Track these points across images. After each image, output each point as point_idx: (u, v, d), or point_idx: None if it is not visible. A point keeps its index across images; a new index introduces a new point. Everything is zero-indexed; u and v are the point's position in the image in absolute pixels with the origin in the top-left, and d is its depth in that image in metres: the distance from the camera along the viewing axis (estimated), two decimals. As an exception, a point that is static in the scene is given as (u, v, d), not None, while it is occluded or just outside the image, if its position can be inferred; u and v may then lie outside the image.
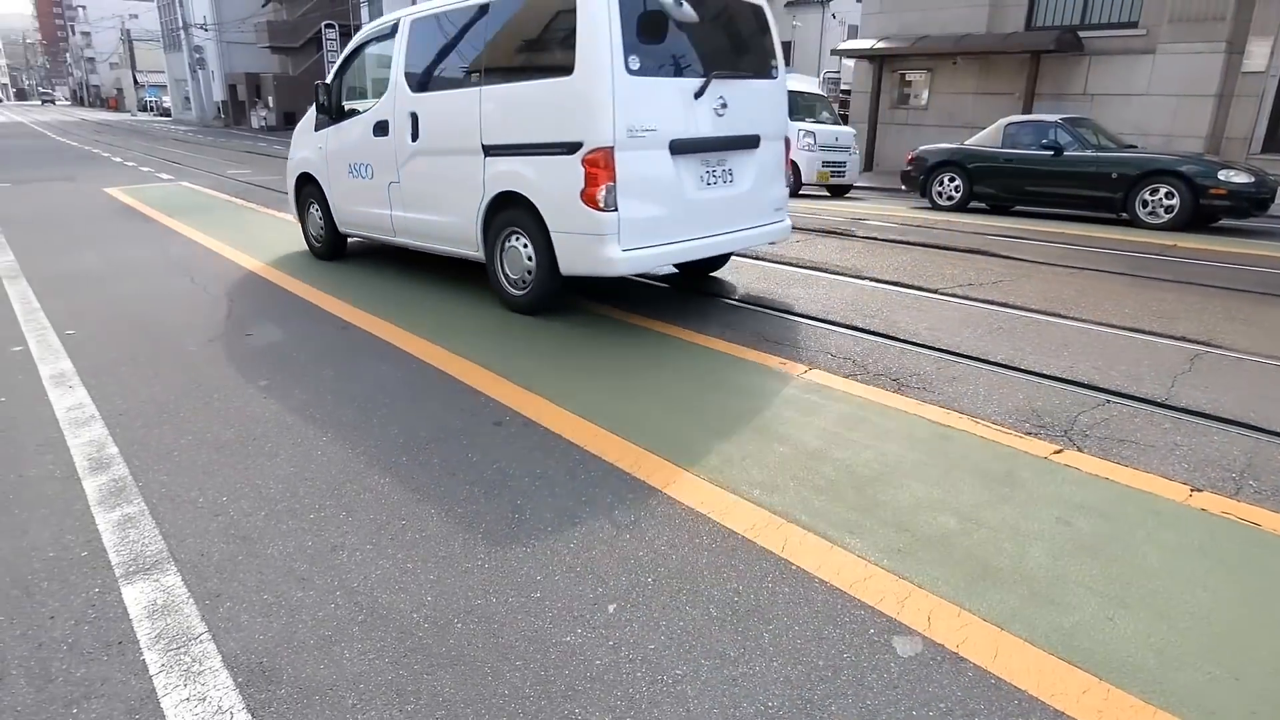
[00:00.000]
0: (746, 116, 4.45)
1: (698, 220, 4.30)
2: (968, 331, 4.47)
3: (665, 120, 4.04)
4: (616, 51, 3.78)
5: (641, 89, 3.91)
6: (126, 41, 71.03)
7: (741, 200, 4.53)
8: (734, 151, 4.46)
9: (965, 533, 2.33)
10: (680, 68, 4.15)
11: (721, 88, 4.26)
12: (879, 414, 3.21)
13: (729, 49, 4.51)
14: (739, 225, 4.56)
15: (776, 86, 4.74)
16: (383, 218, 5.46)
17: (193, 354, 3.99)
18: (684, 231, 4.25)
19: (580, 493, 2.55)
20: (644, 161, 3.99)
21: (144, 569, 2.14)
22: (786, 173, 4.96)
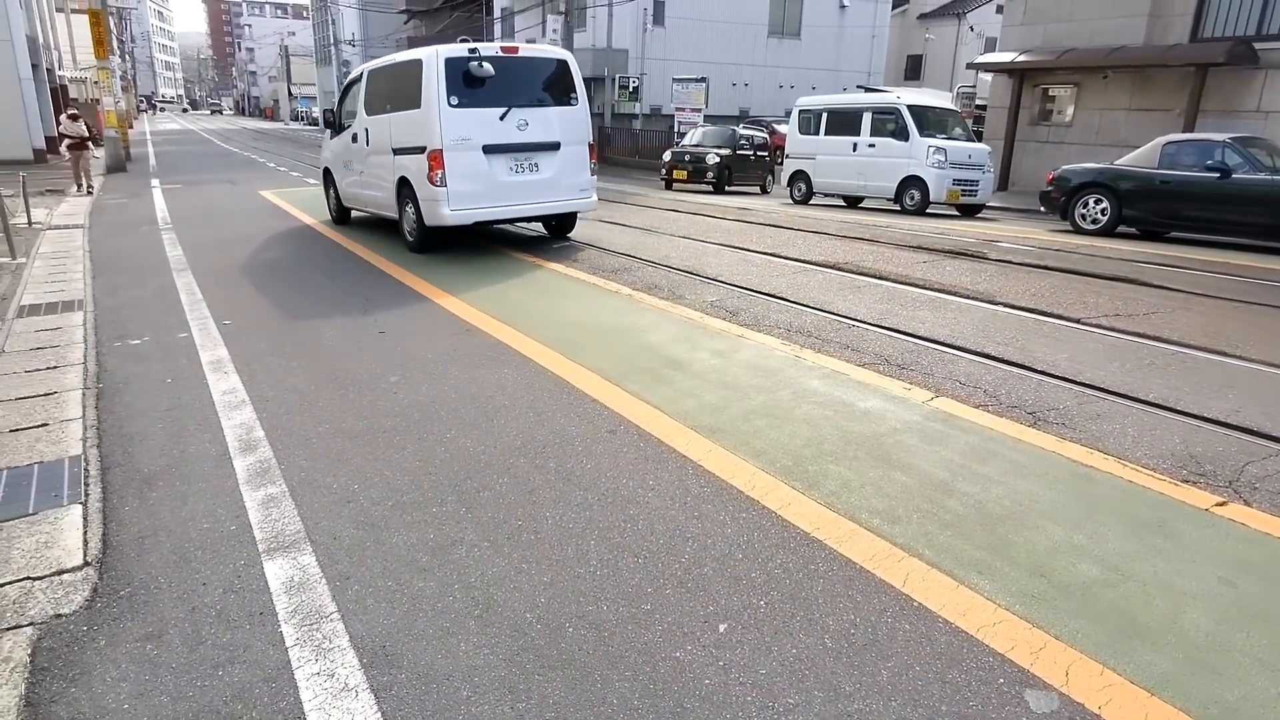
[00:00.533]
0: (546, 130, 7.00)
1: (508, 196, 6.90)
2: (1114, 365, 4.16)
3: (478, 133, 6.61)
4: (442, 94, 6.41)
5: (460, 115, 6.50)
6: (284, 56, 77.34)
7: (547, 184, 7.09)
8: (538, 152, 6.99)
9: (1110, 584, 2.16)
10: (490, 101, 6.68)
11: (522, 113, 6.80)
12: (1012, 448, 3.03)
13: (534, 87, 7.04)
14: (546, 200, 7.18)
15: (577, 110, 7.28)
16: (359, 195, 8.31)
17: (331, 348, 4.27)
18: (497, 202, 6.85)
19: (694, 508, 2.54)
20: (464, 158, 6.57)
21: (283, 547, 2.29)
22: (592, 164, 7.51)
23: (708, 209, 12.26)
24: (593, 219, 10.24)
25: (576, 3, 23.68)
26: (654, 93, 25.75)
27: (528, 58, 7.09)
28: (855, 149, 13.21)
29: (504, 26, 34.17)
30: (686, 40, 26.73)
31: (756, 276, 6.42)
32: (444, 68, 6.40)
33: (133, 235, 8.39)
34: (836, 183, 13.81)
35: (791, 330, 4.72)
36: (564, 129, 7.15)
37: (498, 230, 8.71)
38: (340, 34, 49.88)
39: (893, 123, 12.70)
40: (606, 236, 8.66)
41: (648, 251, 7.60)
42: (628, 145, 24.74)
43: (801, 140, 14.25)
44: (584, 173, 7.36)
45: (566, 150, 7.15)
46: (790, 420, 3.27)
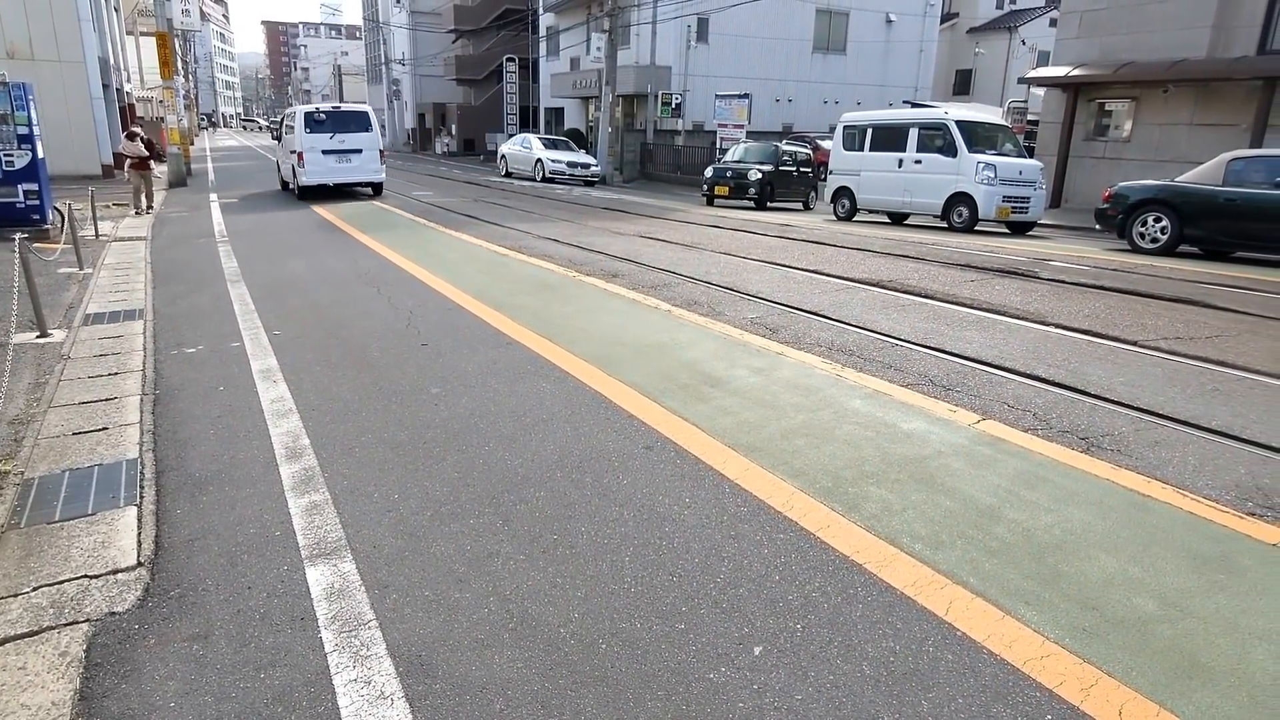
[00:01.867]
0: (353, 143, 14.80)
1: (336, 174, 14.74)
2: (1174, 391, 4.02)
3: (319, 144, 14.45)
4: (302, 127, 14.32)
5: (310, 136, 14.38)
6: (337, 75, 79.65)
7: (355, 169, 14.93)
8: (349, 153, 14.76)
9: (1168, 620, 2.08)
10: (325, 129, 14.50)
11: (341, 135, 14.66)
12: (1063, 475, 2.95)
13: (347, 123, 14.82)
14: (355, 176, 15.02)
15: (371, 134, 15.07)
16: (282, 170, 16.53)
17: (375, 359, 4.36)
18: (329, 178, 14.70)
19: (730, 527, 2.52)
20: (313, 155, 14.40)
21: (325, 554, 2.34)
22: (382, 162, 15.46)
23: (749, 225, 12.24)
24: (633, 235, 10.31)
25: (620, 20, 23.95)
26: (697, 109, 25.85)
27: (346, 110, 15.44)
28: (901, 165, 13.08)
29: (549, 45, 34.75)
30: (730, 56, 26.82)
31: (798, 294, 6.38)
32: (303, 115, 14.67)
33: (191, 247, 8.71)
34: (881, 199, 13.68)
35: (833, 349, 4.68)
36: (363, 143, 15.07)
37: (537, 244, 8.80)
38: (391, 53, 51.25)
39: (940, 138, 12.55)
40: (647, 253, 8.70)
41: (688, 268, 7.62)
42: (670, 161, 24.86)
43: (846, 156, 14.16)
44: (375, 163, 15.32)
45: (365, 153, 15.10)
46: (830, 440, 3.23)
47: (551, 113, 35.59)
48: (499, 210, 13.51)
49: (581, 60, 30.04)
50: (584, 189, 20.66)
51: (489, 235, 9.79)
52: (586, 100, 31.56)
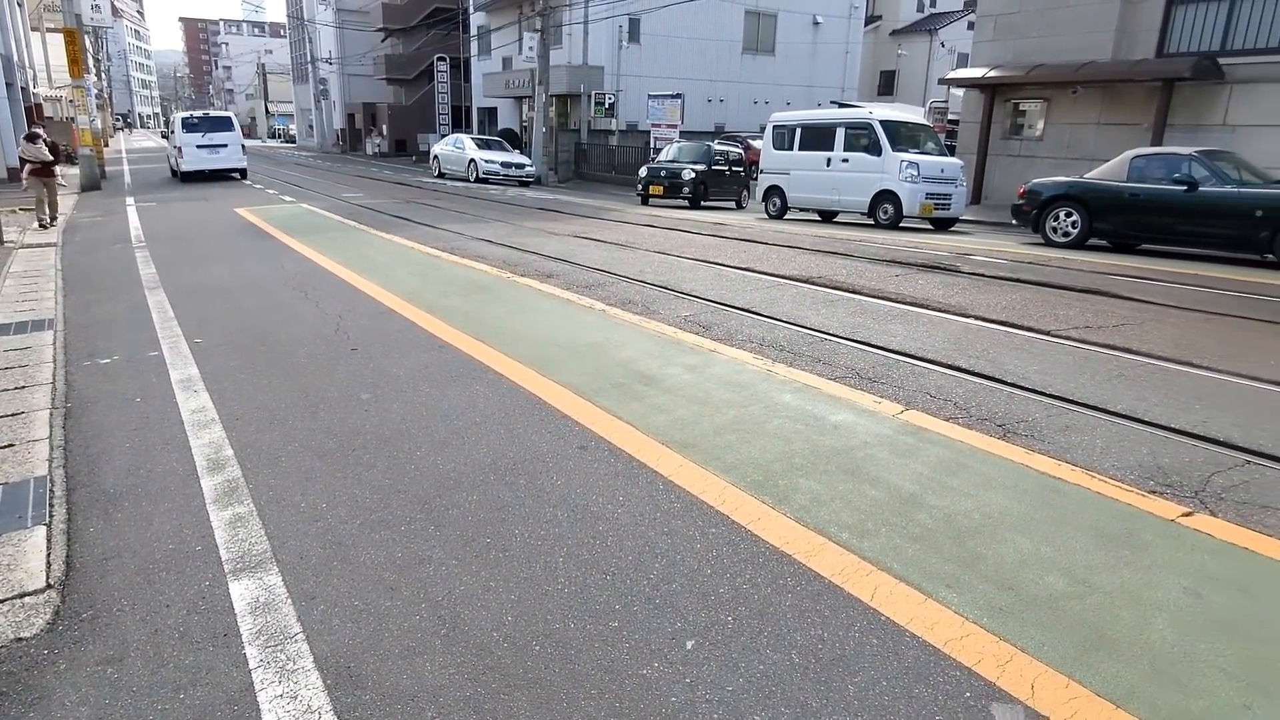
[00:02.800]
0: (221, 139, 19.91)
1: (207, 163, 19.78)
2: (1084, 378, 4.22)
3: (194, 141, 19.53)
4: (180, 128, 19.75)
5: (187, 136, 19.50)
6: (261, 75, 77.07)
7: (223, 159, 19.95)
8: (217, 147, 19.83)
9: (1077, 596, 2.18)
10: (199, 129, 19.79)
11: (212, 134, 19.85)
12: (982, 461, 3.06)
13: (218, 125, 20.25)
14: (223, 165, 20.02)
15: (234, 133, 20.26)
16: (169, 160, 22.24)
17: (303, 365, 4.23)
18: (203, 165, 19.71)
19: (663, 524, 2.54)
20: (190, 149, 19.45)
21: (249, 567, 2.26)
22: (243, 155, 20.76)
23: (683, 224, 12.34)
24: (568, 235, 10.28)
25: (552, 20, 23.83)
26: (630, 109, 25.92)
27: (215, 115, 20.63)
28: (829, 164, 13.36)
29: (481, 44, 34.32)
30: (662, 57, 26.98)
31: (730, 291, 6.46)
32: (180, 119, 19.82)
33: (106, 253, 8.30)
34: (811, 197, 13.95)
35: (764, 345, 4.75)
36: (227, 139, 19.86)
37: (470, 245, 8.70)
38: (317, 52, 49.79)
39: (866, 138, 12.87)
40: (581, 252, 8.69)
41: (622, 267, 7.63)
42: (604, 161, 24.85)
43: (776, 155, 14.39)
44: (238, 155, 20.09)
45: (230, 147, 19.86)
46: (761, 435, 3.28)
47: (485, 112, 35.17)
48: (431, 211, 13.28)
49: (514, 60, 29.77)
50: (519, 189, 20.49)
51: (421, 237, 9.62)
52: (520, 100, 31.28)
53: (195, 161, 19.42)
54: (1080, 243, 10.31)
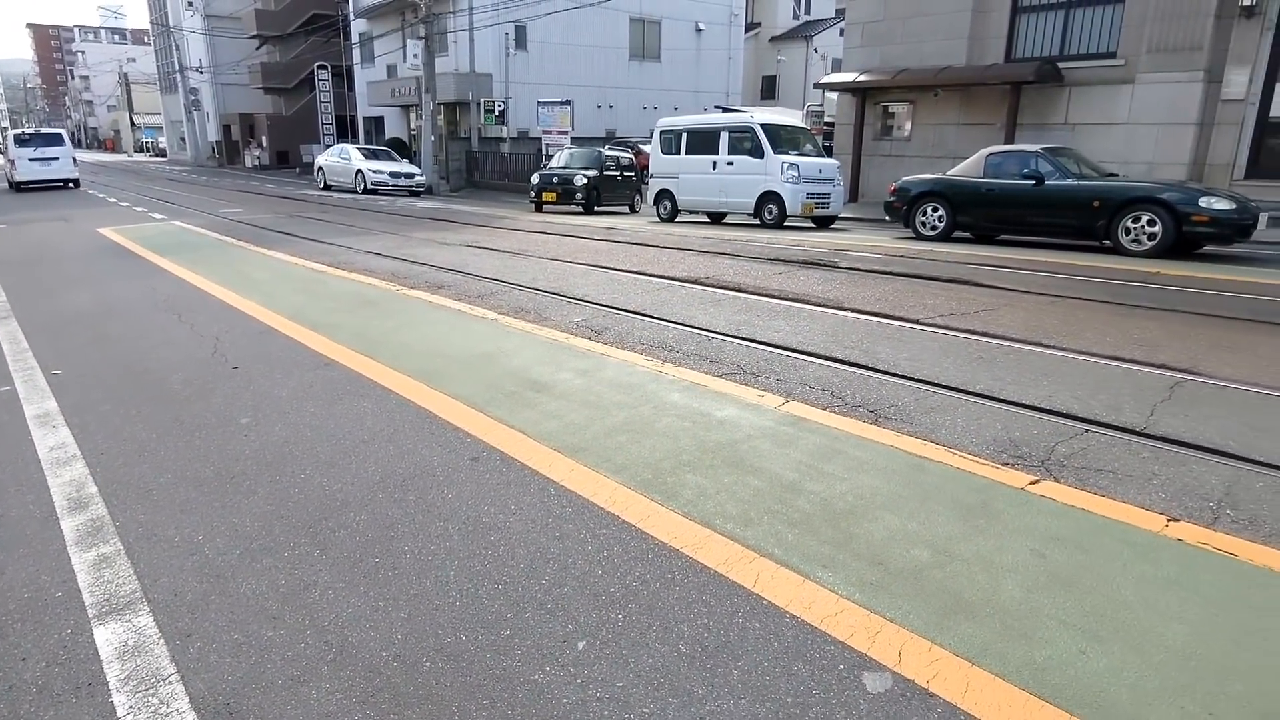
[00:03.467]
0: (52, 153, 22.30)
1: (40, 175, 22.11)
2: (948, 362, 4.51)
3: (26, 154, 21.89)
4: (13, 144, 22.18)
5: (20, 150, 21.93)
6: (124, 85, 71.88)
7: (55, 170, 22.25)
8: (50, 160, 22.14)
9: (939, 565, 2.34)
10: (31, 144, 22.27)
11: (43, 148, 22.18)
12: (856, 446, 3.23)
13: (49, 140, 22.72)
14: (55, 176, 22.32)
15: (65, 147, 22.61)
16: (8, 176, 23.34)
17: (176, 392, 4.00)
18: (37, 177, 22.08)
19: (555, 528, 2.56)
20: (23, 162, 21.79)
21: (117, 609, 2.13)
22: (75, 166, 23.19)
23: (577, 230, 12.36)
24: (459, 244, 10.11)
25: (436, 27, 23.36)
26: (520, 116, 25.73)
27: (46, 132, 23.18)
28: (715, 167, 13.70)
29: (364, 51, 33.25)
30: (550, 64, 26.92)
31: (622, 295, 6.53)
32: (14, 136, 22.45)
33: (-56, 282, 7.55)
34: (700, 200, 14.26)
35: (654, 346, 4.84)
36: (58, 153, 22.23)
37: (358, 259, 8.44)
38: (186, 60, 46.91)
39: (749, 141, 13.27)
40: (474, 262, 8.57)
41: (515, 275, 7.58)
42: (496, 169, 24.58)
43: (664, 160, 14.63)
44: (69, 167, 22.37)
45: (61, 160, 22.20)
46: (651, 434, 3.35)
47: (371, 122, 34.09)
48: (317, 225, 12.77)
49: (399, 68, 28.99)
50: (409, 200, 19.97)
51: (306, 252, 9.24)
52: (407, 108, 30.49)
53: (28, 173, 21.93)
54: (946, 235, 10.98)
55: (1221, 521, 2.62)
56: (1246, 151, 12.94)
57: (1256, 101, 12.72)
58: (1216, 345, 4.94)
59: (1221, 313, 5.93)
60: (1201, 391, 4.01)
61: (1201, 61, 12.77)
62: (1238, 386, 4.08)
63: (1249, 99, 12.75)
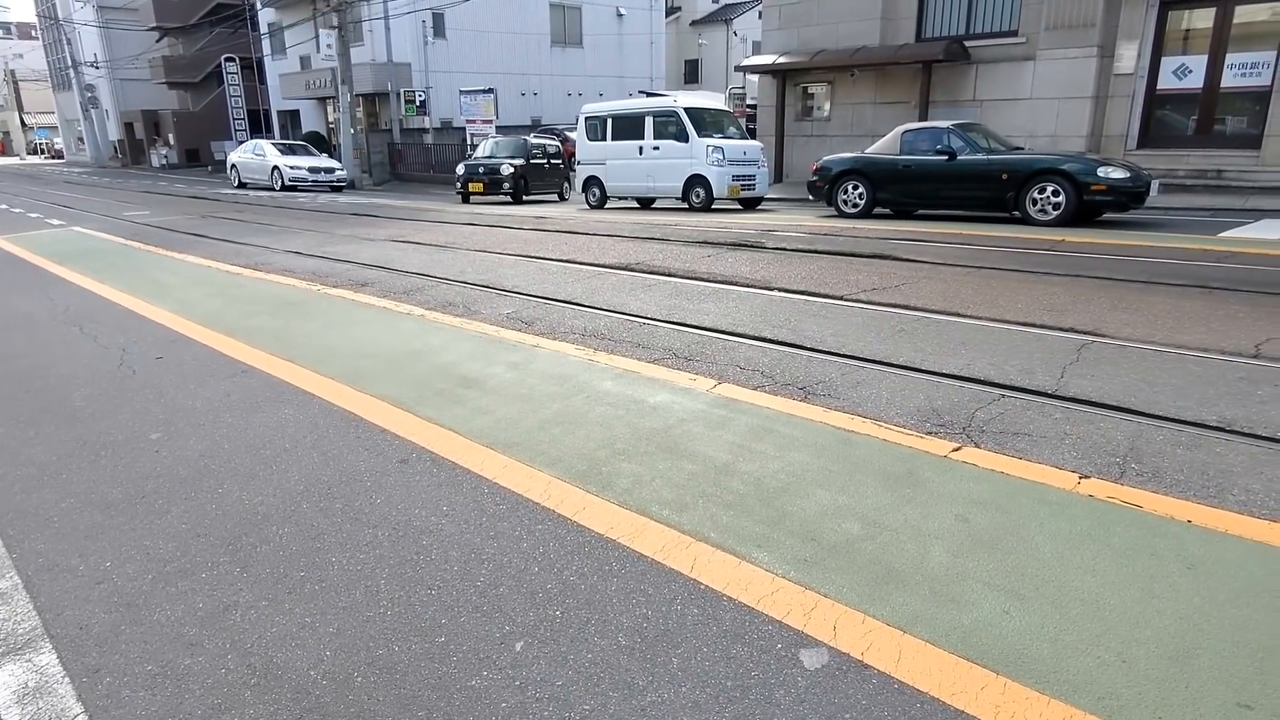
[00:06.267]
0: None
1: None
2: (871, 336, 4.59)
3: None
4: None
5: None
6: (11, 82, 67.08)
7: None
8: None
9: (869, 537, 2.37)
10: None
11: None
12: (786, 424, 3.25)
13: None
14: None
15: None
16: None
17: (80, 409, 3.75)
18: None
19: (489, 527, 2.49)
20: None
21: (15, 649, 1.97)
22: None
23: (506, 220, 12.15)
24: (384, 239, 9.80)
25: (350, 16, 22.54)
26: (443, 105, 25.12)
27: None
28: (641, 152, 13.65)
29: (274, 43, 31.86)
30: (470, 51, 26.32)
31: (552, 284, 6.44)
32: None
33: None
34: (628, 185, 14.20)
35: (586, 334, 4.79)
36: None
37: (277, 259, 8.09)
38: (80, 55, 44.05)
39: (673, 125, 13.26)
40: (399, 257, 8.32)
41: (442, 269, 7.40)
42: (421, 160, 23.97)
43: (590, 146, 14.50)
44: None
45: None
46: (585, 424, 3.30)
47: (286, 115, 32.74)
48: (232, 225, 12.20)
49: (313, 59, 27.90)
50: (330, 195, 19.29)
51: (220, 254, 8.81)
52: (324, 101, 29.39)
53: None
54: (867, 212, 11.21)
55: (1128, 476, 2.74)
56: (1138, 123, 13.61)
57: (1145, 75, 13.37)
58: (1116, 306, 5.17)
59: (1120, 276, 6.22)
60: (1105, 351, 4.19)
61: (1095, 38, 13.34)
62: (1137, 345, 4.28)
63: (1138, 73, 13.39)
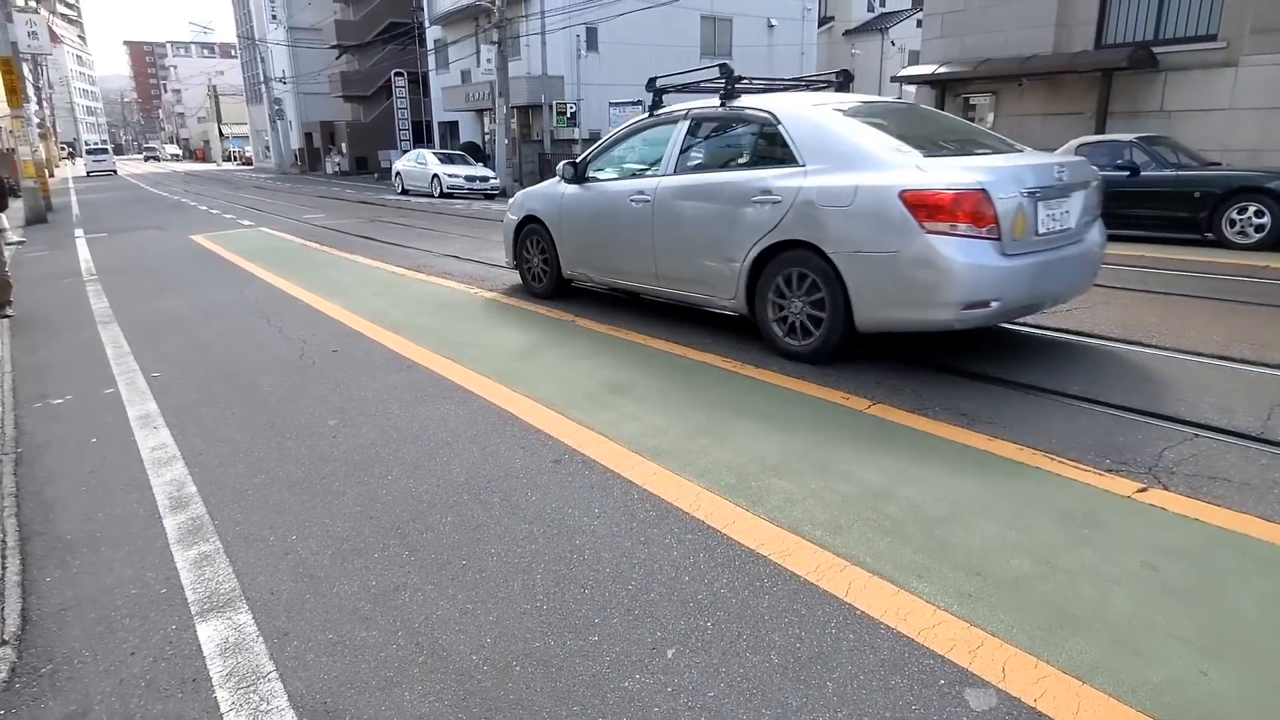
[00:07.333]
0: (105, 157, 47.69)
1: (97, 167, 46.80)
2: (1039, 362, 4.30)
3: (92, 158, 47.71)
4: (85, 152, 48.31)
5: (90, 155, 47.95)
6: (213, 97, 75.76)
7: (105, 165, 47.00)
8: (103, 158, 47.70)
9: (1041, 577, 2.22)
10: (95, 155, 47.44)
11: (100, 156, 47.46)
12: (947, 449, 3.11)
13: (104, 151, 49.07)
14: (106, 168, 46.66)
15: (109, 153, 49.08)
16: None
17: (267, 394, 4.16)
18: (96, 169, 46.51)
19: (640, 533, 2.54)
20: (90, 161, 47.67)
21: (217, 607, 2.22)
22: None
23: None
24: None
25: (509, 32, 23.78)
26: (592, 117, 25.94)
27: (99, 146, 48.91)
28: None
29: (438, 58, 34.12)
30: (621, 64, 27.05)
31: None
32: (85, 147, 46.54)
33: (54, 289, 8.08)
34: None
35: (738, 349, 4.77)
36: (107, 157, 47.13)
37: (437, 262, 8.63)
38: (270, 71, 49.09)
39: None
40: (548, 263, 8.64)
41: (589, 276, 7.62)
42: (567, 170, 24.81)
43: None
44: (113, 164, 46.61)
45: (108, 160, 46.77)
46: (734, 437, 3.30)
47: (446, 126, 34.95)
48: (396, 230, 13.15)
49: (473, 73, 29.63)
50: (484, 202, 20.38)
51: (386, 256, 9.51)
52: (481, 113, 31.15)
53: (92, 166, 45.95)
54: (1032, 230, 10.52)
55: (1360, 537, 2.41)
56: (1367, 134, 11.97)
57: (1379, 80, 11.76)
58: (1342, 344, 4.57)
59: (1346, 309, 5.50)
60: (1328, 394, 3.71)
61: (1314, 39, 11.88)
62: (1370, 389, 3.77)
63: (1370, 77, 11.79)
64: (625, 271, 5.53)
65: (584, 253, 5.89)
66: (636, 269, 5.38)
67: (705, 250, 4.75)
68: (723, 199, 4.62)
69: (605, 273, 5.77)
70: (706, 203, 4.73)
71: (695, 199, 4.82)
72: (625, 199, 5.33)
